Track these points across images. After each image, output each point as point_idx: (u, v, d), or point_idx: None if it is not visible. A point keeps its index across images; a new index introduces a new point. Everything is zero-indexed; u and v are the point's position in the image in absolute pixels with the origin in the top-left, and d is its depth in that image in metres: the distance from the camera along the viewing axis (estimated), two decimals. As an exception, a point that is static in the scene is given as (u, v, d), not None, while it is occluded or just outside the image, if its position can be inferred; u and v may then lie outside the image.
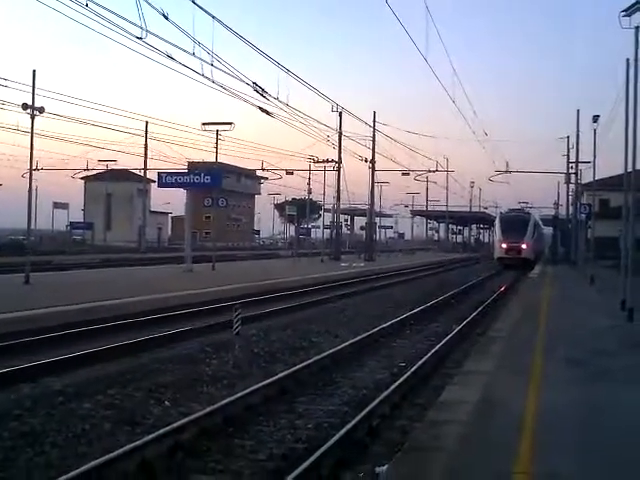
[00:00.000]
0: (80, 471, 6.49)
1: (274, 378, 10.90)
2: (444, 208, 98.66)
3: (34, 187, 29.30)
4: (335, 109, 48.49)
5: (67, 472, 6.56)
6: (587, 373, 10.73)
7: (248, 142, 58.36)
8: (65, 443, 7.98)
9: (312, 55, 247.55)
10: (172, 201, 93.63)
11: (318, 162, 55.52)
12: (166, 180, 33.56)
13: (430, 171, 73.64)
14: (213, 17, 21.77)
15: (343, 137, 52.63)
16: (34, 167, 28.45)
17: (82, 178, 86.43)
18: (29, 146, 24.52)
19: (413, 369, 12.13)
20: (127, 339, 14.51)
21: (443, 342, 15.34)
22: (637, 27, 18.43)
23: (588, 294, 27.28)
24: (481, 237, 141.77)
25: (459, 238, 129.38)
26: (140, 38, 19.94)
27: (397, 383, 10.91)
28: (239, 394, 9.78)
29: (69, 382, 11.01)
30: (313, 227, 78.46)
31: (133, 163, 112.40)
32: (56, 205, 64.14)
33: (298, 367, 11.90)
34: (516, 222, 57.56)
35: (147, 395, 10.28)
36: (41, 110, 26.27)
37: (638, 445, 7.07)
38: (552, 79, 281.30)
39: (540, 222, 72.54)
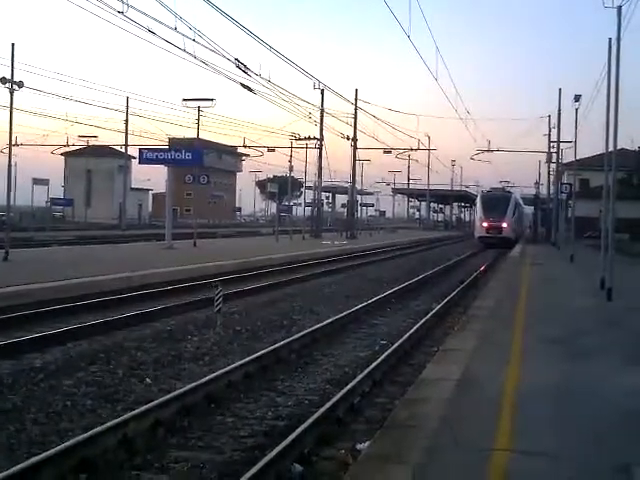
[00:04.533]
0: (62, 447, 6.49)
1: (255, 355, 10.91)
2: (426, 186, 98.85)
3: (13, 163, 28.96)
4: (317, 86, 48.36)
5: (49, 449, 6.57)
6: (566, 351, 10.84)
7: (230, 119, 58.25)
8: (46, 420, 7.97)
9: (294, 32, 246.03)
10: (153, 177, 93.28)
11: (300, 139, 55.40)
12: (147, 157, 33.37)
13: (412, 149, 73.57)
14: (195, -8, 21.57)
15: (325, 114, 52.55)
16: (13, 142, 28.16)
17: (62, 154, 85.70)
18: (8, 121, 24.29)
19: (394, 347, 12.18)
20: (105, 316, 14.46)
21: (424, 320, 15.40)
22: (619, 6, 18.46)
23: (568, 273, 27.49)
24: (462, 216, 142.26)
25: (440, 217, 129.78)
26: (121, 12, 19.80)
27: (378, 361, 10.95)
28: (220, 371, 9.80)
29: (50, 359, 10.99)
30: (294, 205, 78.32)
31: (114, 139, 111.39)
32: (36, 181, 63.39)
33: (279, 345, 11.91)
34: (497, 201, 57.83)
35: (128, 372, 10.27)
36: (20, 84, 26.00)
37: (606, 415, 7.18)
38: (535, 57, 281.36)
39: (521, 201, 72.92)
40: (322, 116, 52.28)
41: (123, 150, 72.04)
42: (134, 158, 63.57)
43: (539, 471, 5.71)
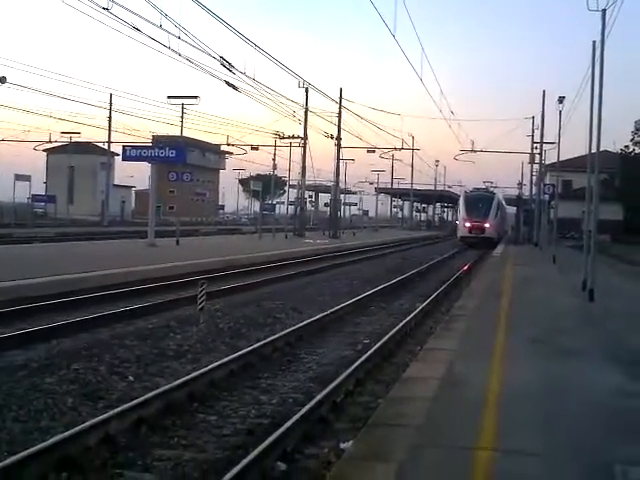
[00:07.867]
0: (43, 446, 6.44)
1: (238, 353, 10.89)
2: (409, 186, 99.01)
3: (-5, 158, 28.78)
4: (302, 85, 48.38)
5: (30, 447, 6.52)
6: (547, 350, 10.90)
7: (214, 116, 58.12)
8: (28, 418, 7.91)
9: (279, 31, 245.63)
10: (136, 175, 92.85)
11: (284, 138, 55.46)
12: (130, 154, 33.22)
13: (396, 149, 73.79)
14: (180, -11, 21.50)
15: (309, 113, 52.53)
16: (-5, 138, 27.95)
17: (44, 150, 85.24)
18: (-10, 116, 24.06)
19: (377, 346, 12.19)
20: (88, 314, 14.37)
21: (407, 319, 15.43)
22: (604, 9, 18.56)
23: (550, 274, 27.63)
24: (445, 216, 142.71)
25: (423, 216, 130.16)
26: (106, 9, 19.72)
27: (361, 360, 10.96)
28: (203, 369, 9.77)
29: (33, 356, 10.90)
30: (278, 203, 78.27)
31: (97, 136, 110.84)
32: (17, 177, 62.90)
33: (262, 343, 11.90)
34: (480, 201, 58.04)
35: (110, 370, 10.21)
36: (3, 80, 25.85)
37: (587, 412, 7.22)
38: (520, 58, 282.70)
39: (504, 202, 73.22)
40: (306, 115, 52.29)
41: (106, 147, 71.68)
42: (117, 155, 63.32)
43: (522, 469, 5.74)
